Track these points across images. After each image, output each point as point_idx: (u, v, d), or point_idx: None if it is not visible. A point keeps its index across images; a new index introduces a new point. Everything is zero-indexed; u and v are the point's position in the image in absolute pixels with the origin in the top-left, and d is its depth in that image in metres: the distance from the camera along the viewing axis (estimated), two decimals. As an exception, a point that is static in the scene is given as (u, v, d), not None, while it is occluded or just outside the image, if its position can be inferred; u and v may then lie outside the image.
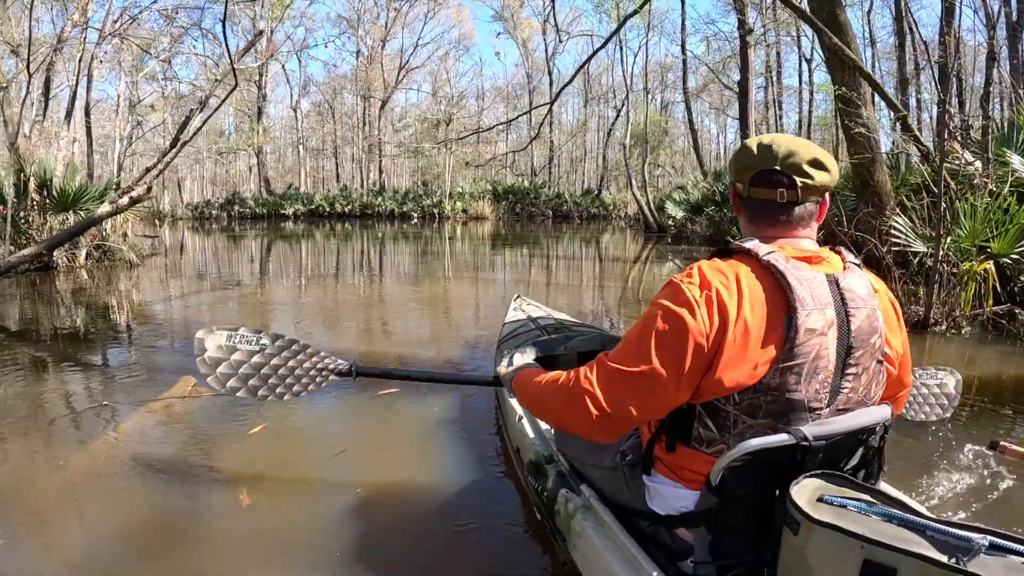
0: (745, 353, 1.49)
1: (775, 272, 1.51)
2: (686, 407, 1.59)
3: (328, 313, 7.64)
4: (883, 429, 1.63)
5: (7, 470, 3.13)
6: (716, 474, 1.52)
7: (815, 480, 1.44)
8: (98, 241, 11.66)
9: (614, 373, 1.58)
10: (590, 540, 1.87)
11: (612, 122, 43.07)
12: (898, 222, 6.93)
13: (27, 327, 6.60)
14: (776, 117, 33.43)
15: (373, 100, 44.67)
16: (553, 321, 4.11)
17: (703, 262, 1.59)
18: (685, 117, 35.54)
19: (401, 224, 30.80)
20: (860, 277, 1.61)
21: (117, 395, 4.20)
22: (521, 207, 35.15)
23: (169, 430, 3.64)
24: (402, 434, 3.78)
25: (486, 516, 2.73)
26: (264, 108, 41.70)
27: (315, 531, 2.61)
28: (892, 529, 1.26)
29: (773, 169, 1.60)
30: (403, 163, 52.47)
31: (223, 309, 7.85)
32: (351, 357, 2.68)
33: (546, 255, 15.51)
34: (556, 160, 44.81)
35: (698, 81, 38.79)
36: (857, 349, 1.55)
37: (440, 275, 10.54)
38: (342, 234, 24.48)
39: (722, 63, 34.59)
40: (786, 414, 1.52)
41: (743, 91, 21.11)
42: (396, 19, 45.01)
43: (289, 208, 36.44)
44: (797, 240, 1.63)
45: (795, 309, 1.47)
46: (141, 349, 5.63)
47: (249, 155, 43.54)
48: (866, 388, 1.60)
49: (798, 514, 1.35)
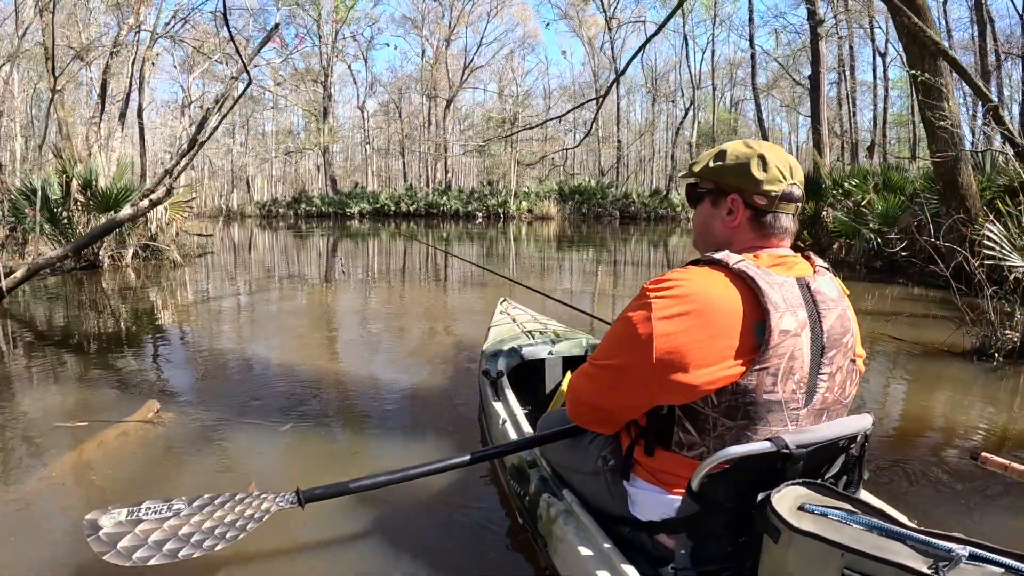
0: (715, 355, 1.51)
1: (746, 278, 1.53)
2: (665, 411, 1.63)
3: (389, 322, 7.42)
4: (864, 438, 1.64)
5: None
6: (697, 480, 1.53)
7: (797, 488, 1.45)
8: (145, 241, 11.85)
9: (588, 368, 1.74)
10: (571, 546, 1.87)
11: (680, 121, 42.64)
12: (992, 231, 6.12)
13: (44, 330, 6.61)
14: (850, 114, 32.24)
15: (438, 99, 44.90)
16: (539, 325, 4.09)
17: (675, 270, 1.63)
18: (755, 116, 34.79)
19: (466, 224, 30.60)
20: (830, 280, 1.67)
21: (81, 414, 3.88)
22: (587, 207, 34.60)
23: (122, 456, 3.30)
24: (384, 437, 3.71)
25: (468, 520, 2.71)
26: (330, 108, 42.29)
27: (293, 535, 2.56)
28: (873, 539, 1.27)
29: (795, 183, 1.69)
30: (469, 162, 52.74)
31: (256, 314, 7.67)
32: (289, 493, 2.25)
33: (614, 259, 15.13)
34: (624, 160, 44.28)
35: (768, 77, 37.96)
36: (830, 349, 1.60)
37: (505, 281, 10.32)
38: (406, 233, 24.48)
39: (792, 57, 33.71)
40: (764, 415, 1.55)
41: (815, 86, 20.12)
42: (459, 18, 45.25)
43: (355, 207, 36.74)
44: (774, 248, 1.70)
45: (767, 311, 1.50)
46: (137, 361, 5.30)
47: (316, 154, 44.29)
48: (841, 387, 1.65)
49: (779, 522, 1.35)
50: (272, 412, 3.92)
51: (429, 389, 4.53)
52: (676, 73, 44.99)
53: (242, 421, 3.76)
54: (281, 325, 6.94)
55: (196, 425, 3.67)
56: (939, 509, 2.85)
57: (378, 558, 2.43)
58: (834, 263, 11.73)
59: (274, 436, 3.58)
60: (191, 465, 3.22)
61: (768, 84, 37.26)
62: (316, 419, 3.88)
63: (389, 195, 38.21)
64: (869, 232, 11.07)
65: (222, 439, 3.52)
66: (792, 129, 48.76)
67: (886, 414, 4.14)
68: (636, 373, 1.58)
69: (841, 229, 11.84)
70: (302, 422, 3.80)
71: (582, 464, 2.00)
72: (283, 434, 3.60)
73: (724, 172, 1.72)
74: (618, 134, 42.97)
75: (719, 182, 1.73)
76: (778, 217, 1.68)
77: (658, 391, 1.59)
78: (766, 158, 1.67)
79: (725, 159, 1.72)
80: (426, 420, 3.94)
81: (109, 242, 11.07)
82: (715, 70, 40.09)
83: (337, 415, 4.03)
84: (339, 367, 5.19)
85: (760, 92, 33.00)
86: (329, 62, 41.34)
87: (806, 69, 27.19)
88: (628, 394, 1.64)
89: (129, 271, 10.87)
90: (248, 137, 48.72)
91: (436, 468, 2.25)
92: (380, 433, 3.75)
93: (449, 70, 44.87)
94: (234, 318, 7.37)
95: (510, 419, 2.77)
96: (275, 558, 2.44)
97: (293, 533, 2.57)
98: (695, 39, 35.94)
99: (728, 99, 44.95)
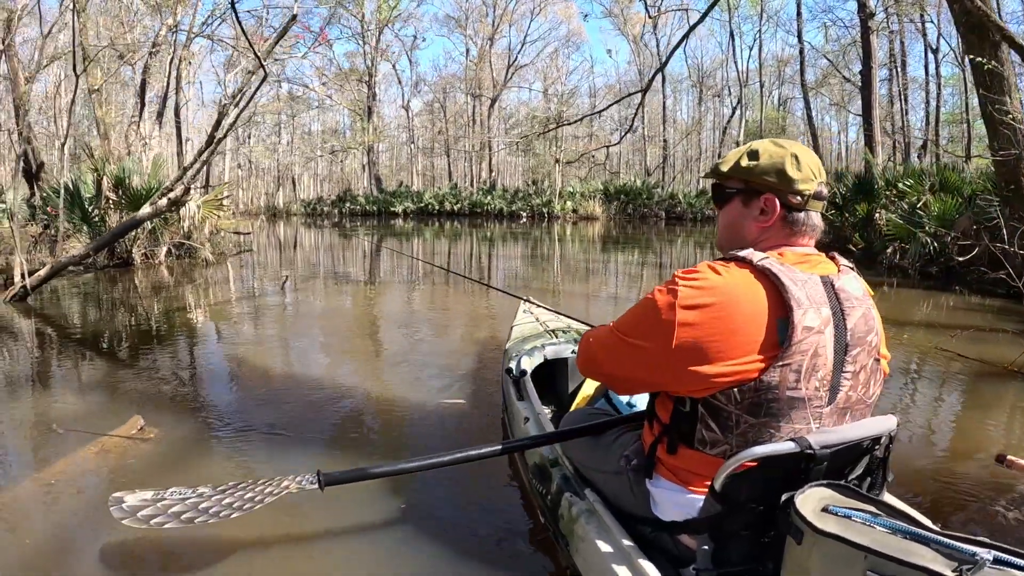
0: (736, 349, 1.51)
1: (770, 275, 1.54)
2: (688, 409, 1.62)
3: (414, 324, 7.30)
4: (888, 440, 1.63)
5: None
6: (720, 480, 1.52)
7: (820, 489, 1.43)
8: (179, 239, 11.96)
9: (608, 336, 1.76)
10: (592, 545, 1.86)
11: (727, 120, 42.05)
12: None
13: (65, 326, 6.66)
14: (902, 112, 31.38)
15: (483, 98, 44.87)
16: (562, 324, 4.09)
17: (708, 262, 1.62)
18: (804, 114, 34.11)
19: (510, 223, 30.52)
20: (854, 279, 1.66)
21: (67, 422, 3.74)
22: (633, 207, 34.14)
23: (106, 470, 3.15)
24: (407, 433, 3.71)
25: (489, 518, 2.69)
26: (374, 107, 42.55)
27: (310, 520, 2.58)
28: (897, 541, 1.25)
29: (823, 182, 1.69)
30: (514, 162, 52.68)
31: (271, 317, 7.52)
32: (310, 474, 2.31)
33: (660, 262, 14.87)
34: (670, 159, 43.78)
35: (816, 74, 37.15)
36: (854, 347, 1.58)
37: (551, 286, 10.13)
38: (451, 233, 24.45)
39: (841, 52, 32.95)
40: (787, 412, 1.54)
41: (866, 82, 19.51)
42: (503, 16, 45.19)
43: (399, 206, 37.04)
44: (798, 247, 1.69)
45: (791, 308, 1.50)
46: (138, 368, 5.04)
47: (361, 153, 44.64)
48: (864, 386, 1.64)
49: (802, 524, 1.34)
50: (277, 420, 3.78)
51: (454, 387, 4.48)
52: (723, 71, 44.45)
53: (256, 422, 3.65)
54: (302, 328, 6.81)
55: (189, 437, 3.55)
56: (963, 512, 2.79)
57: (395, 551, 2.43)
58: (888, 268, 11.35)
59: (291, 441, 3.48)
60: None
61: (817, 81, 36.44)
62: (341, 416, 3.88)
63: (433, 194, 38.36)
64: (925, 235, 10.50)
65: (225, 445, 3.44)
66: (841, 128, 47.77)
67: (935, 437, 3.79)
68: (653, 356, 1.60)
69: (896, 232, 11.25)
70: (323, 422, 3.79)
71: (604, 463, 2.02)
72: (303, 438, 3.51)
73: (758, 172, 1.70)
74: (664, 133, 42.58)
75: (752, 182, 1.72)
76: (809, 215, 1.69)
77: (672, 378, 1.61)
78: (799, 157, 1.67)
79: (759, 159, 1.70)
80: (447, 414, 3.91)
81: (142, 240, 11.22)
82: (763, 67, 39.38)
83: (358, 417, 3.95)
84: (367, 372, 5.06)
85: (809, 89, 32.26)
86: (373, 61, 41.60)
87: (856, 65, 26.61)
88: (641, 371, 1.67)
89: (163, 268, 11.00)
90: (294, 136, 49.32)
91: (457, 459, 2.27)
92: (403, 430, 3.75)
93: (493, 69, 44.82)
94: (256, 317, 7.29)
95: (533, 417, 2.76)
96: (291, 543, 2.47)
97: (310, 518, 2.60)
98: (742, 35, 35.16)
99: (776, 97, 44.14)
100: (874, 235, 12.63)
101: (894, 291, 9.37)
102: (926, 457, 3.41)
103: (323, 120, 52.37)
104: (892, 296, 8.95)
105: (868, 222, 13.07)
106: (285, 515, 2.52)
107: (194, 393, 4.46)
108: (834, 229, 14.19)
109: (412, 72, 63.64)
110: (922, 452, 3.48)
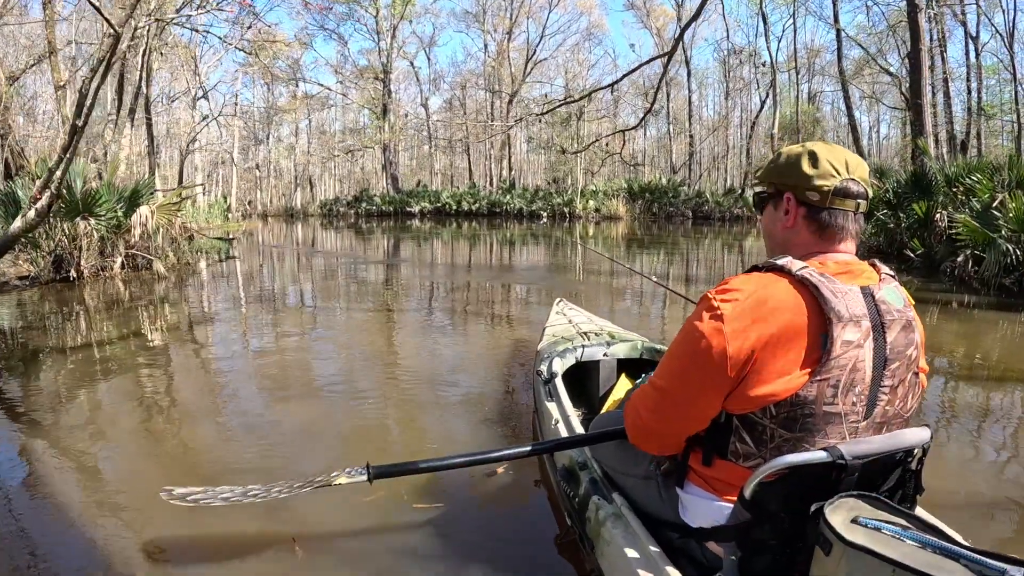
0: (779, 365, 1.46)
1: (809, 286, 1.47)
2: (723, 421, 1.57)
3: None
4: (921, 451, 1.57)
5: None
6: (750, 488, 1.48)
7: (851, 500, 1.39)
8: (132, 250, 10.90)
9: (651, 388, 1.67)
10: (619, 549, 1.82)
11: (756, 113, 40.63)
12: None
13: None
14: (944, 104, 29.63)
15: (502, 94, 43.89)
16: (594, 327, 4.07)
17: (739, 276, 1.56)
18: (835, 108, 32.66)
19: (530, 223, 29.94)
20: (895, 289, 1.59)
21: None
22: (658, 207, 33.24)
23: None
24: (439, 433, 3.77)
25: (516, 519, 2.74)
26: (391, 105, 41.84)
27: (334, 530, 2.61)
28: (926, 556, 1.21)
29: (852, 179, 1.59)
30: (535, 160, 52.02)
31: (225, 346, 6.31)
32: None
33: (686, 262, 13.74)
34: (696, 157, 42.52)
35: (850, 67, 35.59)
36: (893, 361, 1.52)
37: (576, 292, 9.02)
38: (468, 234, 23.54)
39: (878, 38, 31.43)
40: (823, 427, 1.49)
41: (915, 65, 16.75)
42: (521, 9, 44.16)
43: (415, 206, 36.67)
44: (838, 254, 1.60)
45: (831, 322, 1.44)
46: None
47: (379, 152, 44.20)
48: (903, 400, 1.58)
49: (831, 534, 1.30)
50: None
51: (486, 388, 4.56)
52: (751, 65, 42.96)
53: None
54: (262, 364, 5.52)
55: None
56: (996, 528, 2.70)
57: (420, 549, 2.47)
58: (957, 280, 9.85)
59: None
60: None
61: (851, 72, 34.85)
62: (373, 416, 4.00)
63: (451, 193, 38.07)
64: (1004, 241, 8.90)
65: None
66: (873, 125, 46.03)
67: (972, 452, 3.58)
68: (708, 387, 1.52)
69: (970, 237, 9.53)
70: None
71: (633, 468, 1.98)
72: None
73: (776, 172, 1.67)
74: (690, 129, 41.38)
75: (774, 183, 1.68)
76: (833, 215, 1.59)
77: (729, 402, 1.53)
78: (816, 153, 1.61)
79: (778, 160, 1.67)
80: (477, 416, 3.95)
81: (91, 252, 10.15)
82: (796, 56, 37.96)
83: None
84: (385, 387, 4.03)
85: (847, 78, 30.79)
86: (388, 58, 40.84)
87: (891, 56, 25.10)
88: (696, 410, 1.57)
89: (118, 282, 9.95)
90: (311, 137, 49.00)
91: (497, 456, 2.32)
92: (443, 429, 3.81)
93: (512, 64, 43.90)
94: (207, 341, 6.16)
95: (563, 420, 2.74)
96: (318, 540, 2.52)
97: (336, 517, 2.67)
98: (771, 26, 33.76)
99: (806, 92, 42.60)
100: (934, 240, 11.20)
101: (970, 311, 7.97)
102: (962, 472, 3.27)
103: (344, 120, 52.02)
104: (971, 317, 7.64)
105: (926, 224, 11.60)
106: (312, 512, 2.68)
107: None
108: (887, 232, 12.76)
109: (430, 69, 62.67)
110: (958, 467, 3.34)
